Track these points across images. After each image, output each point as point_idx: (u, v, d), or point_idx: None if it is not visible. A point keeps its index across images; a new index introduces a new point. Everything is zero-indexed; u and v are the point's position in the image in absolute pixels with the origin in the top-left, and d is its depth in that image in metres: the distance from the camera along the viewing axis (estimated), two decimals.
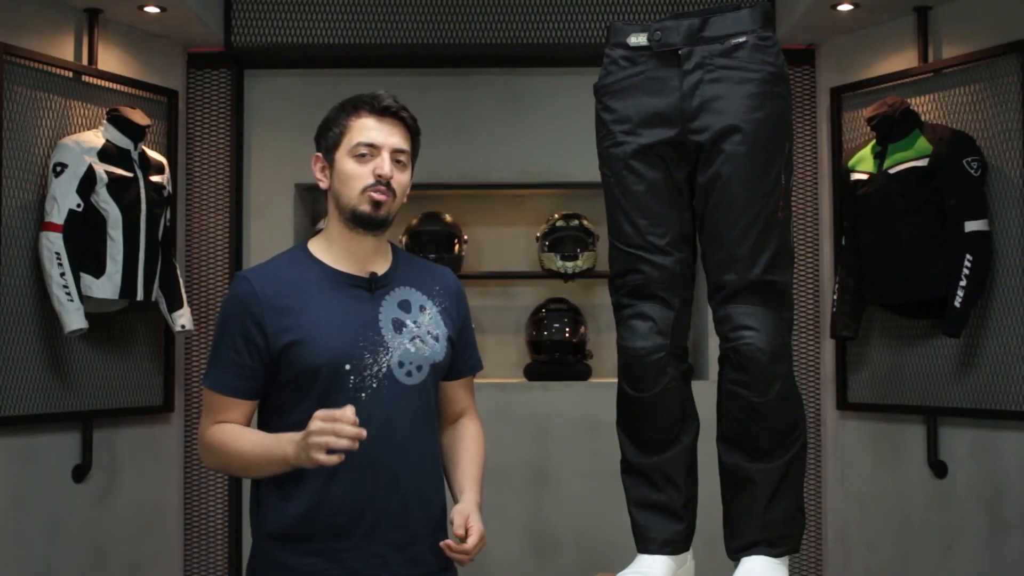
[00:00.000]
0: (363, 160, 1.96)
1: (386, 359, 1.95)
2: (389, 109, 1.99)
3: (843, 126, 3.87)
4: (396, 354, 1.96)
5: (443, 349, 2.03)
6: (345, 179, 1.97)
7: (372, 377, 1.93)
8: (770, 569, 1.92)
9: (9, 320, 3.33)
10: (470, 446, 2.12)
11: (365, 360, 1.93)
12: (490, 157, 4.11)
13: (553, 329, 4.20)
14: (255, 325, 1.93)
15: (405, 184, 2.01)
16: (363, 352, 1.93)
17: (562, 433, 4.05)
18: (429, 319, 2.03)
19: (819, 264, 4.02)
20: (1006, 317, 3.32)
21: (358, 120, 1.99)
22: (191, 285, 4.03)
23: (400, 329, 1.98)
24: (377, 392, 1.93)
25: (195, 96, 4.11)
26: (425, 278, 2.08)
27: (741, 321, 1.90)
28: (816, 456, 3.97)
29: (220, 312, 2.00)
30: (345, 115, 2.01)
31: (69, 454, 3.56)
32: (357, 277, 2.00)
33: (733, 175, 1.90)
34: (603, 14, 3.98)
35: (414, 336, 1.99)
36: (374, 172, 1.95)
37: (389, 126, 1.99)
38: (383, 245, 2.05)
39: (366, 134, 1.97)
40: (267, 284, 1.96)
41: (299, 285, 1.96)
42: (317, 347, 1.91)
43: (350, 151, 1.97)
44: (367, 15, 4.02)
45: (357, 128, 1.98)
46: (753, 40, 1.93)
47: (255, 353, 1.93)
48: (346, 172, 1.97)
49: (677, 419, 2.02)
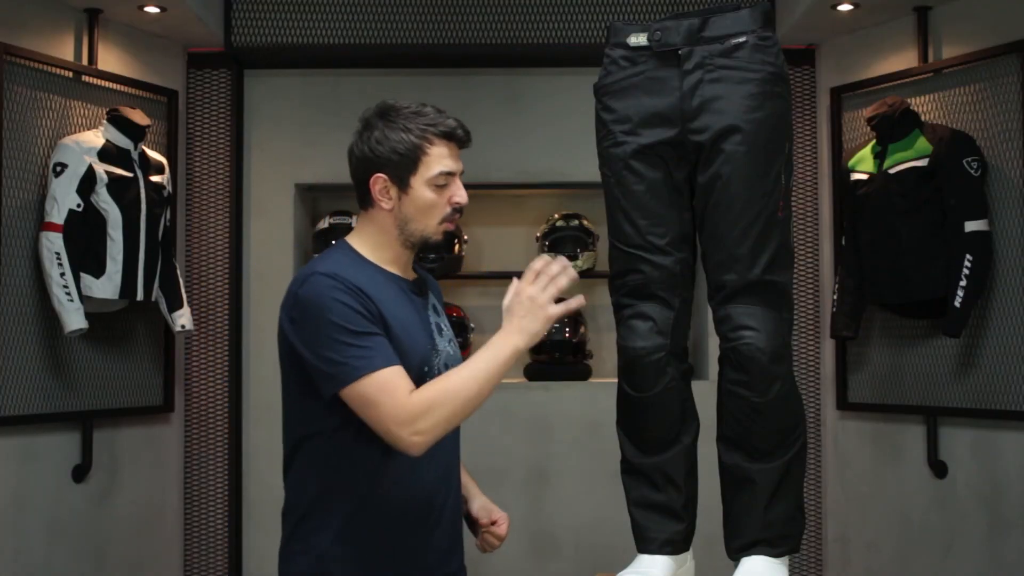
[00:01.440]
0: (442, 190, 1.95)
1: (438, 362, 1.97)
2: (468, 138, 2.00)
3: (843, 126, 3.87)
4: (443, 356, 1.99)
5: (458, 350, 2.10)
6: (425, 209, 1.93)
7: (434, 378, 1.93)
8: (770, 569, 1.92)
9: (9, 320, 3.33)
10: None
11: (432, 362, 1.96)
12: (490, 157, 4.11)
13: (553, 329, 4.20)
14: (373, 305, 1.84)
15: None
16: (430, 354, 1.96)
17: (562, 433, 4.05)
18: (446, 323, 2.09)
19: (819, 264, 4.02)
20: (1006, 317, 3.32)
21: (438, 147, 1.94)
22: (191, 285, 4.03)
23: (440, 332, 2.03)
24: None
25: (195, 96, 4.11)
26: (428, 283, 2.13)
27: (741, 321, 1.91)
28: (816, 456, 3.97)
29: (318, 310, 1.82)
30: (420, 140, 1.92)
31: (69, 454, 3.56)
32: (411, 283, 2.02)
33: (733, 175, 1.90)
34: (603, 14, 3.98)
35: (449, 339, 2.05)
36: (451, 201, 1.95)
37: (456, 150, 2.00)
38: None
39: (445, 163, 1.95)
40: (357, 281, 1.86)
41: (375, 285, 1.90)
42: (409, 346, 1.90)
43: (429, 180, 1.93)
44: (367, 15, 4.02)
45: (436, 156, 1.93)
46: (753, 40, 1.93)
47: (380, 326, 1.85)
48: (426, 201, 1.93)
49: (677, 419, 2.02)
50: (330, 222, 4.13)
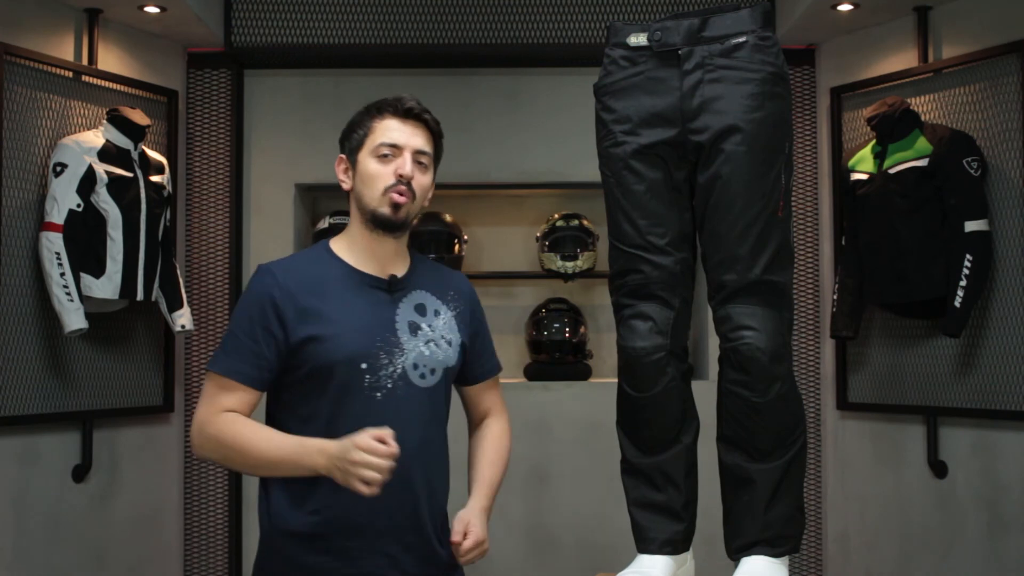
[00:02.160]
0: (385, 160, 1.97)
1: (401, 361, 1.96)
2: (412, 111, 2.00)
3: (843, 126, 3.87)
4: (411, 356, 1.97)
5: (456, 354, 2.05)
6: (367, 179, 1.98)
7: (387, 378, 1.94)
8: (770, 569, 1.92)
9: (9, 320, 3.33)
10: (488, 448, 2.16)
11: (381, 360, 1.94)
12: (490, 157, 4.11)
13: (553, 329, 4.20)
14: (276, 317, 1.93)
15: (426, 186, 2.02)
16: (379, 352, 1.94)
17: (562, 433, 4.05)
18: (443, 324, 2.04)
19: (819, 264, 4.02)
20: (1006, 317, 3.32)
21: (382, 122, 2.00)
22: (191, 285, 4.03)
23: (416, 332, 1.99)
24: (392, 392, 1.95)
25: (195, 96, 4.12)
26: (441, 283, 2.09)
27: (741, 321, 1.91)
28: (816, 456, 3.97)
29: (240, 302, 2.00)
30: (369, 117, 2.02)
31: (69, 454, 3.56)
32: (377, 278, 2.01)
33: (733, 175, 1.90)
34: (603, 14, 3.98)
35: (429, 339, 2.00)
36: (395, 172, 1.96)
37: (412, 128, 2.00)
38: (402, 248, 2.06)
39: (389, 135, 1.98)
40: (290, 278, 1.97)
41: (321, 282, 1.98)
42: (336, 344, 1.92)
43: (372, 152, 1.98)
44: (367, 15, 4.02)
45: (380, 129, 1.99)
46: (753, 40, 1.93)
47: (272, 344, 1.93)
48: (368, 173, 1.98)
49: (677, 419, 2.02)
50: (330, 222, 4.13)
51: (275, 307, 1.93)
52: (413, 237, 4.20)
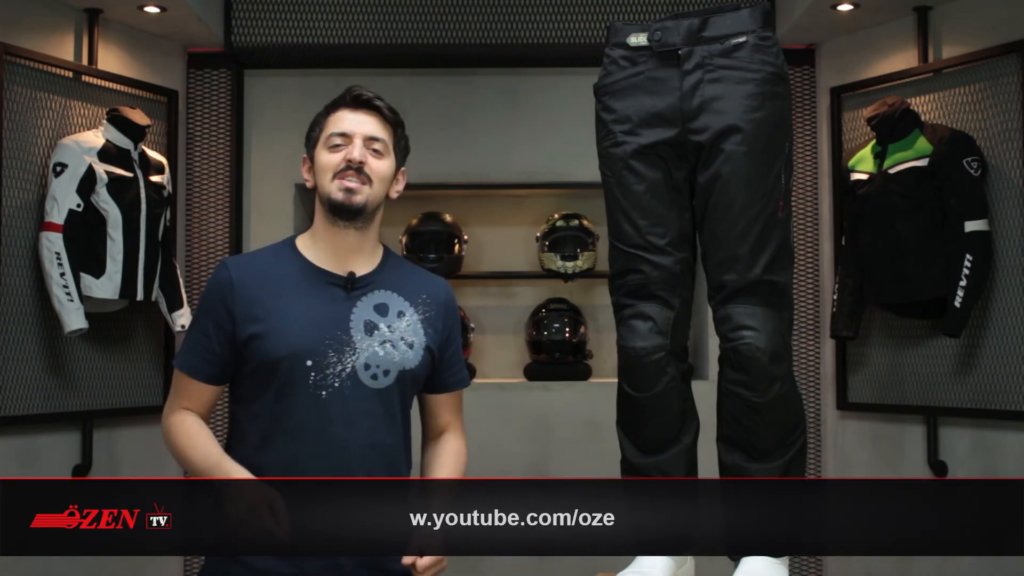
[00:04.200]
0: (336, 150, 1.98)
1: (351, 360, 1.93)
2: (360, 98, 2.00)
3: (843, 126, 3.87)
4: (363, 356, 1.94)
5: (417, 357, 1.99)
6: (320, 170, 1.99)
7: (335, 376, 1.92)
8: (770, 569, 1.92)
9: (9, 320, 3.33)
10: (447, 462, 2.06)
11: (329, 358, 1.92)
12: (490, 157, 4.11)
13: (553, 329, 4.20)
14: (226, 312, 1.94)
15: (383, 172, 1.99)
16: (327, 350, 1.92)
17: (562, 433, 4.05)
18: (406, 325, 2.00)
19: (819, 264, 4.02)
20: (1006, 317, 3.32)
21: (334, 114, 2.02)
22: (191, 285, 4.03)
23: (371, 332, 1.96)
24: (338, 392, 1.92)
25: (195, 96, 4.12)
26: (412, 284, 2.05)
27: (741, 321, 1.91)
28: (816, 456, 3.97)
29: (200, 297, 2.02)
30: (324, 114, 2.04)
31: (69, 454, 3.56)
32: (335, 275, 1.99)
33: (733, 175, 1.90)
34: (603, 14, 3.98)
35: (385, 340, 1.96)
36: (344, 158, 1.96)
37: (363, 116, 2.00)
38: (368, 243, 2.02)
39: (338, 125, 2.00)
40: (244, 273, 1.98)
41: (275, 277, 1.98)
42: (279, 340, 1.91)
43: (325, 143, 2.00)
44: (367, 15, 4.02)
45: (332, 121, 2.01)
46: (753, 40, 1.93)
47: (223, 339, 1.94)
48: (320, 163, 1.99)
49: (677, 419, 2.02)
50: None
51: (225, 302, 1.95)
52: (413, 237, 4.20)
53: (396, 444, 2.00)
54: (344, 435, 1.90)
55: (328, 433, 1.90)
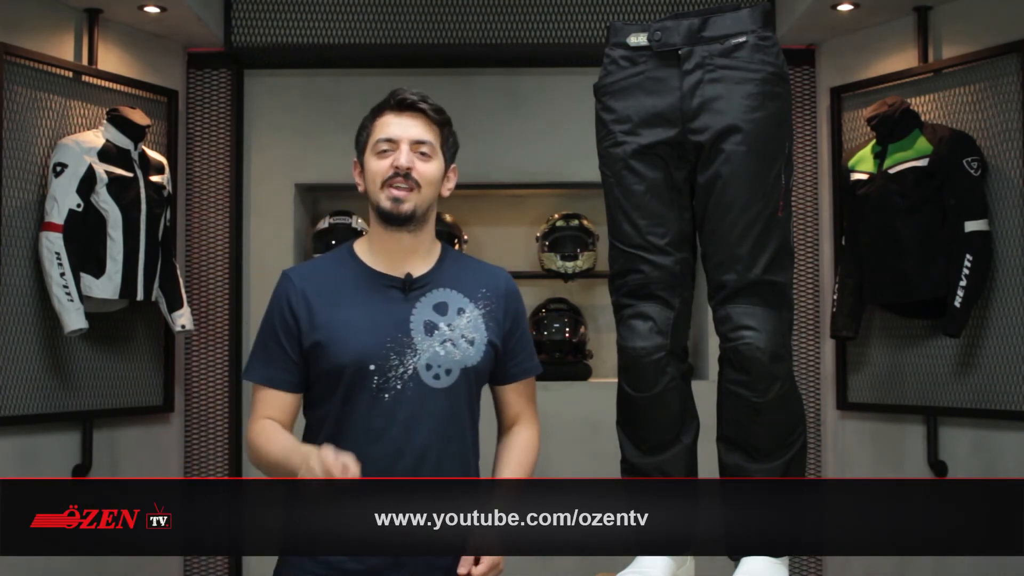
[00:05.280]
0: (383, 156, 1.98)
1: (413, 361, 1.95)
2: (406, 102, 2.00)
3: (843, 126, 3.87)
4: (424, 356, 1.95)
5: (479, 353, 2.00)
6: (369, 177, 2.00)
7: (397, 379, 1.94)
8: (770, 569, 1.92)
9: (9, 320, 3.33)
10: (512, 459, 2.06)
11: (391, 361, 1.94)
12: (490, 157, 4.11)
13: (553, 329, 4.21)
14: (294, 320, 1.97)
15: (431, 176, 2.00)
16: (389, 353, 1.94)
17: (562, 433, 4.05)
18: (467, 322, 2.01)
19: (819, 264, 4.02)
20: (1006, 317, 3.32)
21: (380, 119, 2.01)
22: (191, 285, 4.04)
23: (431, 332, 1.97)
24: (401, 393, 1.93)
25: (195, 96, 4.12)
26: (471, 279, 2.05)
27: (741, 321, 1.91)
28: (816, 456, 3.97)
29: (266, 310, 2.05)
30: (371, 118, 2.03)
31: (69, 454, 3.56)
32: (393, 278, 2.00)
33: (733, 175, 1.90)
34: (603, 14, 3.98)
35: (445, 339, 1.97)
36: (392, 165, 1.97)
37: (408, 119, 2.00)
38: (424, 243, 2.03)
39: (385, 130, 1.99)
40: (307, 281, 2.00)
41: (336, 284, 1.99)
42: (342, 346, 1.93)
43: (372, 149, 2.00)
44: (367, 15, 4.02)
45: (379, 127, 2.00)
46: (753, 40, 1.93)
47: (295, 345, 1.97)
48: (370, 170, 2.00)
49: (677, 419, 2.02)
50: (330, 222, 4.13)
51: (292, 311, 1.97)
52: None
53: (464, 442, 2.01)
54: (408, 436, 1.91)
55: (392, 434, 1.92)
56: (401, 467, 1.92)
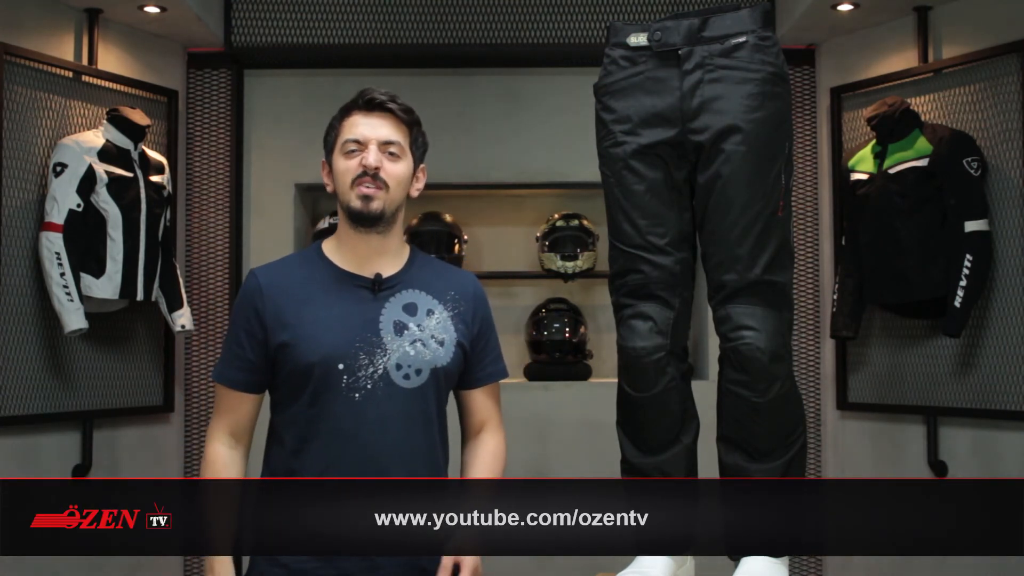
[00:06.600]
0: (351, 156, 1.98)
1: (383, 361, 1.94)
2: (374, 102, 1.99)
3: (843, 126, 3.87)
4: (394, 356, 1.94)
5: (449, 354, 2.00)
6: (337, 177, 2.00)
7: (367, 378, 1.93)
8: (770, 569, 1.92)
9: (9, 320, 3.33)
10: (484, 464, 2.08)
11: (360, 361, 1.93)
12: (490, 157, 4.11)
13: (553, 329, 4.21)
14: (257, 320, 1.96)
15: (400, 175, 1.99)
16: (359, 353, 1.93)
17: (562, 433, 4.05)
18: (436, 323, 2.00)
19: (819, 264, 4.02)
20: (1006, 317, 3.32)
21: (349, 119, 2.01)
22: (191, 285, 4.04)
23: (401, 332, 1.97)
24: (371, 393, 1.93)
25: (195, 96, 4.12)
26: (440, 281, 2.06)
27: (741, 321, 1.91)
28: (816, 456, 3.97)
29: (233, 308, 2.05)
30: (339, 118, 2.04)
31: (69, 454, 3.56)
32: (362, 277, 2.00)
33: (733, 175, 1.90)
34: (603, 14, 3.98)
35: (415, 339, 1.97)
36: (360, 164, 1.96)
37: (377, 119, 1.99)
38: (393, 244, 2.04)
39: (353, 130, 1.99)
40: (273, 281, 1.99)
41: (304, 284, 1.99)
42: (311, 345, 1.92)
43: (341, 149, 2.00)
44: (367, 15, 4.02)
45: (347, 127, 2.00)
46: (753, 40, 1.93)
47: (257, 347, 1.96)
48: (338, 170, 2.00)
49: (677, 419, 2.02)
50: (330, 222, 4.13)
51: (255, 310, 1.97)
52: (413, 237, 4.20)
53: (433, 442, 2.00)
54: (379, 436, 1.90)
55: (363, 435, 1.91)
56: (373, 468, 1.91)
